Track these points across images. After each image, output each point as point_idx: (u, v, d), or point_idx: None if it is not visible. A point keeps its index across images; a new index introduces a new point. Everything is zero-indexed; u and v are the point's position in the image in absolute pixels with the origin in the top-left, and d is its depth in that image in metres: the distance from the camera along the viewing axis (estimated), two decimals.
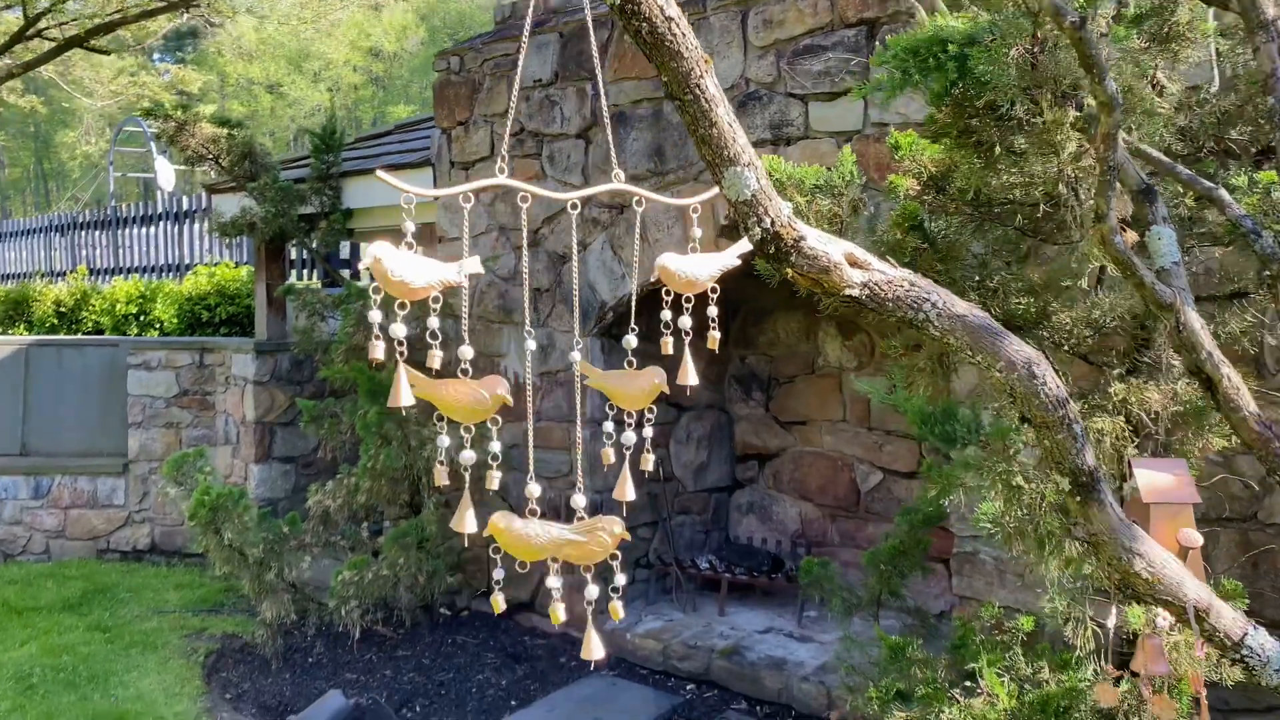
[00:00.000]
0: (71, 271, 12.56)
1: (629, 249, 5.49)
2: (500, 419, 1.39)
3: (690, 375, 1.51)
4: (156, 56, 35.25)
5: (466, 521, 1.34)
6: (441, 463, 1.34)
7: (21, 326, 10.93)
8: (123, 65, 14.33)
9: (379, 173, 1.28)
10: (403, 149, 7.18)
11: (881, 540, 5.51)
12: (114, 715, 5.11)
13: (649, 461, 1.56)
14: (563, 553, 1.39)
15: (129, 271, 12.33)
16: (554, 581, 1.41)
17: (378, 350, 1.25)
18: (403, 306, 1.26)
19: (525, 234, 1.35)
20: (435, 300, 1.29)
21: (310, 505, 5.83)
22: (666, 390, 1.51)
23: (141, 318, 10.21)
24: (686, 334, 1.47)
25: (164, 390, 8.13)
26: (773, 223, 1.37)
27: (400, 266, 1.24)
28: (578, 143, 5.70)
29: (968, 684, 3.36)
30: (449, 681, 5.34)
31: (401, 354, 1.25)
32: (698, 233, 1.40)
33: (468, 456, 1.33)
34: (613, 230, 5.57)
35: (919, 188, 2.45)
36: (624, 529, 1.41)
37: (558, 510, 5.94)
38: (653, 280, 1.42)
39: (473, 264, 1.32)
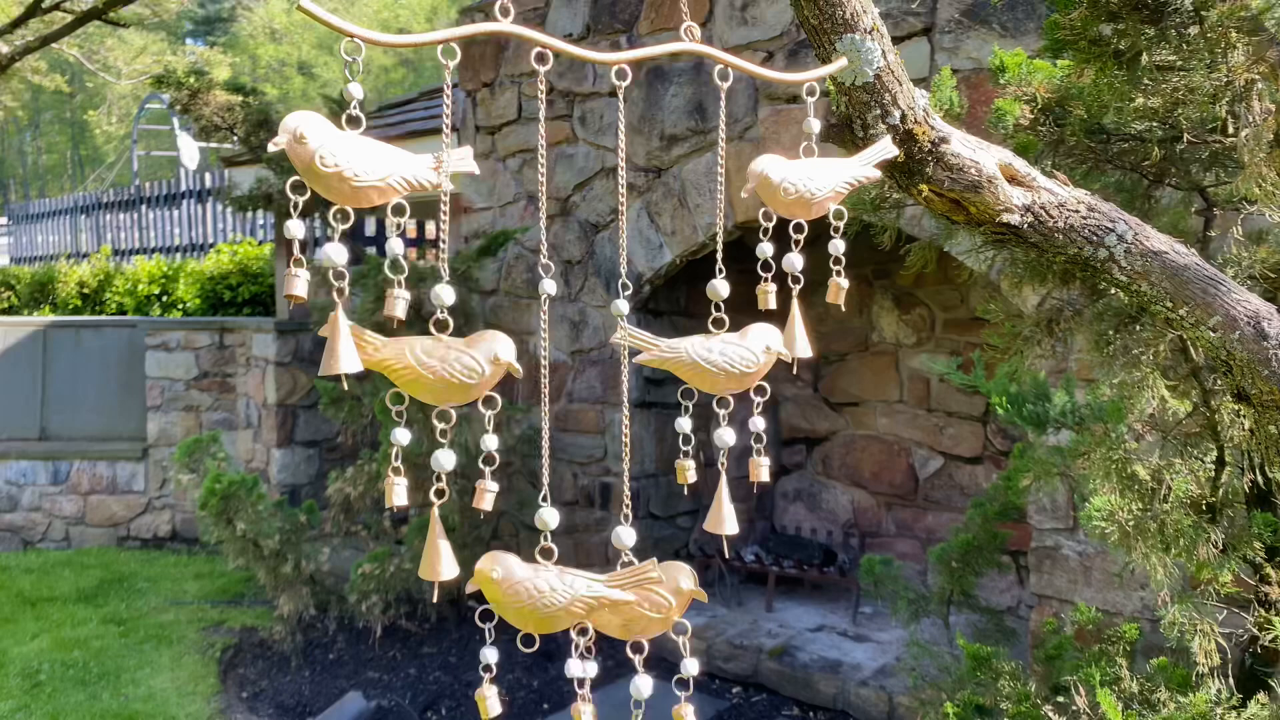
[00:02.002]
0: (95, 252, 12.33)
1: (666, 216, 5.07)
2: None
3: (801, 343, 1.03)
4: (189, 40, 35.24)
5: (440, 564, 0.85)
6: (398, 469, 0.87)
7: (47, 308, 10.71)
8: (144, 43, 14.07)
9: (302, 2, 0.83)
10: (428, 114, 6.80)
11: (944, 532, 5.08)
12: (123, 716, 4.80)
13: (762, 469, 1.05)
14: (596, 619, 0.90)
15: (152, 251, 12.08)
16: (577, 669, 0.90)
17: (297, 285, 0.81)
18: (343, 216, 0.84)
19: (543, 108, 0.93)
20: (399, 211, 0.84)
21: (330, 493, 5.49)
22: (787, 358, 1.01)
23: (164, 298, 9.94)
24: (796, 280, 0.99)
25: (183, 372, 7.83)
26: (903, 117, 0.95)
27: (341, 151, 0.79)
28: (611, 101, 5.28)
29: (1059, 699, 2.94)
30: (477, 682, 4.98)
31: (340, 292, 0.81)
32: (814, 125, 0.96)
33: (444, 460, 0.86)
34: (649, 196, 5.15)
35: (1031, 116, 2.01)
36: (695, 582, 0.92)
37: (591, 497, 5.56)
38: (744, 193, 0.98)
39: (462, 157, 0.86)
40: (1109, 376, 2.35)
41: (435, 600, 5.43)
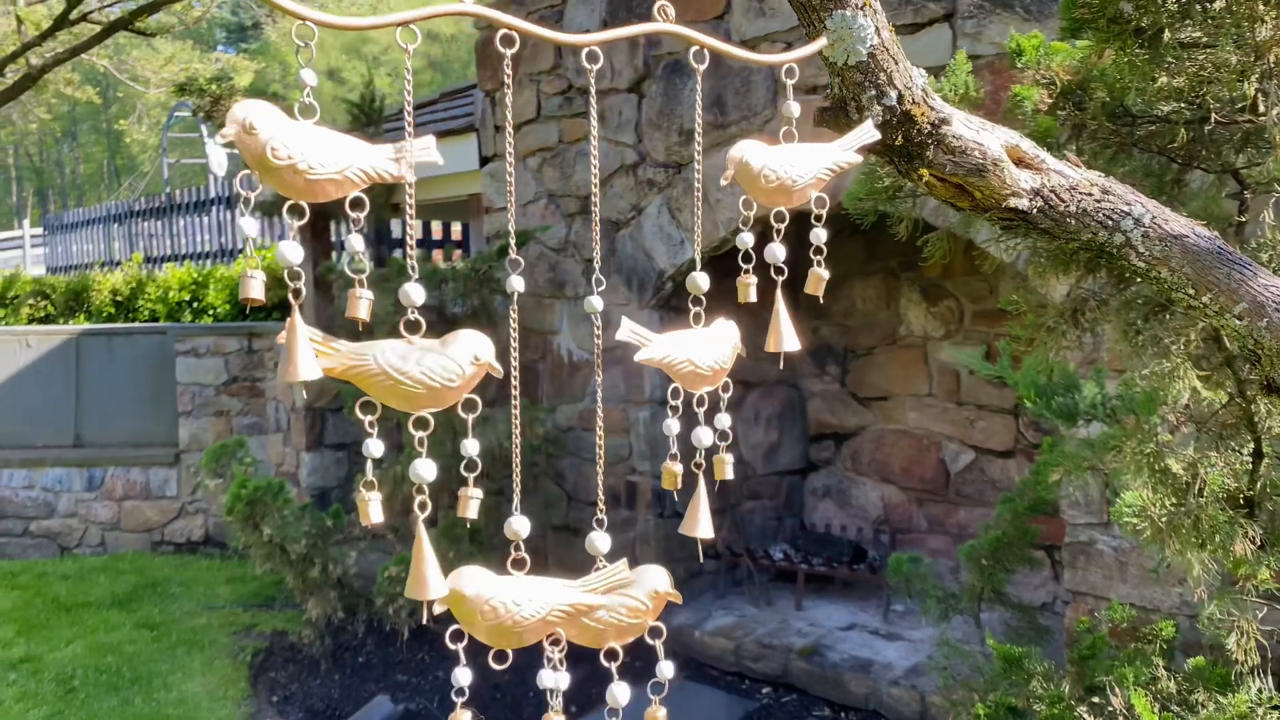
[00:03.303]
0: (128, 260, 12.47)
1: (687, 212, 5.01)
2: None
3: (788, 336, 1.00)
4: (221, 48, 35.64)
5: (427, 583, 0.81)
6: (371, 483, 0.82)
7: (81, 316, 10.84)
8: (173, 52, 14.20)
9: None
10: (448, 116, 6.78)
11: (977, 527, 4.99)
12: None
13: (726, 467, 1.02)
14: (570, 631, 0.87)
15: (183, 258, 12.19)
16: (551, 679, 0.88)
17: (253, 286, 0.78)
18: (298, 212, 0.78)
19: (509, 93, 0.89)
20: (357, 205, 0.79)
21: (357, 496, 5.49)
22: (743, 352, 1.00)
23: (194, 304, 10.02)
24: (779, 271, 0.96)
25: (213, 378, 7.89)
26: (900, 97, 0.90)
27: (294, 143, 0.75)
28: (629, 97, 5.23)
29: (1094, 700, 2.86)
30: (505, 684, 4.96)
31: (295, 294, 0.76)
32: (794, 109, 0.92)
33: (423, 470, 0.83)
34: (670, 192, 5.10)
35: (1049, 100, 1.94)
36: (670, 584, 0.89)
37: (617, 496, 5.52)
38: (724, 181, 0.94)
39: (425, 147, 0.80)
40: (1139, 367, 2.27)
41: (433, 618, 5.40)
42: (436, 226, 10.52)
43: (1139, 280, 2.03)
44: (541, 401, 5.67)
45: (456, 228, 10.44)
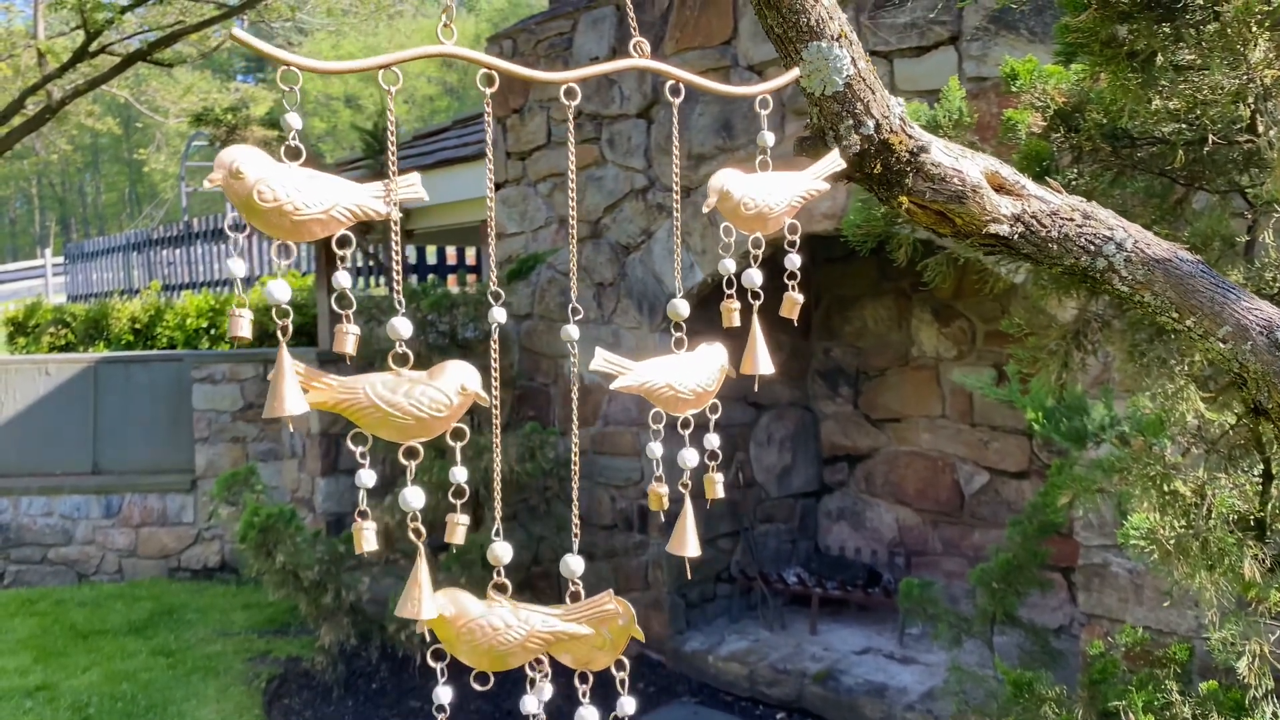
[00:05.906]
0: (146, 288, 12.60)
1: (696, 235, 5.03)
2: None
3: (762, 361, 1.01)
4: (240, 77, 36.09)
5: (419, 603, 0.84)
6: (364, 513, 0.85)
7: (101, 344, 10.95)
8: (191, 82, 14.41)
9: (234, 31, 0.84)
10: (460, 143, 6.84)
11: (989, 551, 4.95)
12: None
13: (717, 486, 1.03)
14: (557, 652, 0.90)
15: (201, 285, 12.31)
16: (534, 704, 0.91)
17: (241, 325, 0.80)
18: (285, 250, 0.80)
19: (489, 131, 0.90)
20: (343, 244, 0.82)
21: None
22: (733, 375, 1.01)
23: (212, 331, 10.11)
24: (755, 296, 0.96)
25: (229, 404, 7.94)
26: (877, 126, 0.90)
27: (280, 185, 0.77)
28: (638, 123, 5.26)
29: None
30: (518, 711, 4.94)
31: (283, 330, 0.79)
32: (769, 138, 0.93)
33: (412, 498, 0.85)
34: (680, 216, 5.12)
35: (1044, 124, 1.95)
36: (633, 620, 0.92)
37: (629, 520, 5.51)
38: (705, 209, 0.95)
39: (410, 184, 0.82)
40: (1146, 389, 2.26)
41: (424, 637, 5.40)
42: (451, 252, 10.59)
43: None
44: (554, 425, 5.67)
45: (471, 253, 10.50)
